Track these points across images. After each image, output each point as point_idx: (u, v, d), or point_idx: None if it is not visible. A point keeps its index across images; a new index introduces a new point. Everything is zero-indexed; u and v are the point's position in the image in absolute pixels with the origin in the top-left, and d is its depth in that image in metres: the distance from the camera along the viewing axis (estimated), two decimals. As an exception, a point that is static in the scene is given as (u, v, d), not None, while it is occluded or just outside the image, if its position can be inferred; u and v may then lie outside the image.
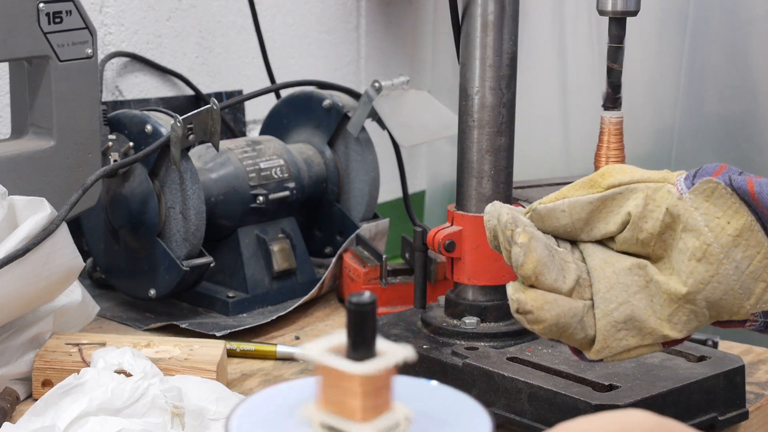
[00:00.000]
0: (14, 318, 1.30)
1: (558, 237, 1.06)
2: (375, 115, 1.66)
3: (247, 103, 1.98)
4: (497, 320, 1.35)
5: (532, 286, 1.02)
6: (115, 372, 1.21)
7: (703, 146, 2.00)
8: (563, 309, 1.02)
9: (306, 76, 2.05)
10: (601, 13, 1.25)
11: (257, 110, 1.98)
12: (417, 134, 1.68)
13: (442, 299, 1.39)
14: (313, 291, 1.60)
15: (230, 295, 1.58)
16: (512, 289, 1.03)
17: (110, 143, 1.52)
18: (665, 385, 1.19)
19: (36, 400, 1.22)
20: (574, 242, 1.07)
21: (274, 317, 1.55)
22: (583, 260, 1.06)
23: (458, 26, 1.34)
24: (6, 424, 1.17)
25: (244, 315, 1.57)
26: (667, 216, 1.02)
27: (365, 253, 1.63)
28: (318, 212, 1.73)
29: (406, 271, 1.59)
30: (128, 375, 1.21)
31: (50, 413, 1.15)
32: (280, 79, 1.98)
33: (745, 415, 1.25)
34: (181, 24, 1.89)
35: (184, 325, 1.51)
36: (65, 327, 1.39)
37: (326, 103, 1.71)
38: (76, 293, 1.40)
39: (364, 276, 1.58)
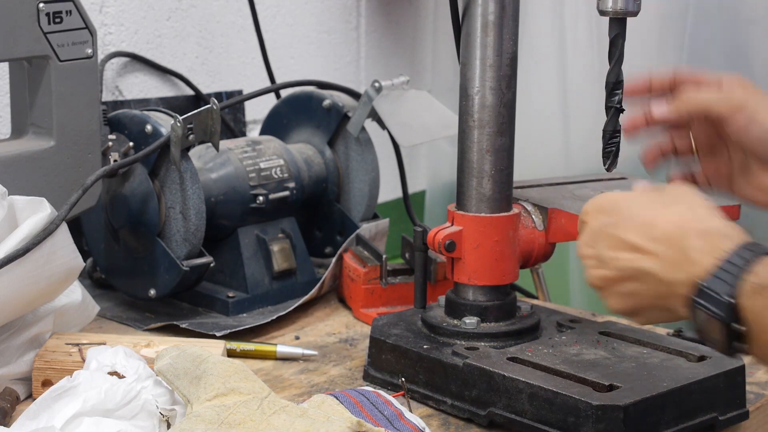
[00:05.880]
0: (14, 318, 1.30)
1: None
2: (375, 115, 1.66)
3: (247, 103, 1.98)
4: (497, 320, 1.35)
5: None
6: (108, 374, 1.21)
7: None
8: None
9: (306, 76, 2.05)
10: (602, 13, 1.25)
11: (257, 110, 1.98)
12: (417, 134, 1.68)
13: (442, 299, 1.39)
14: (313, 291, 1.60)
15: (230, 295, 1.58)
16: None
17: (110, 143, 1.52)
18: (665, 385, 1.19)
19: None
20: None
21: (274, 317, 1.55)
22: None
23: (458, 26, 1.34)
24: (1, 428, 1.17)
25: (244, 315, 1.57)
26: None
27: (365, 253, 1.63)
28: (318, 212, 1.73)
29: (406, 271, 1.59)
30: (120, 377, 1.21)
31: (44, 417, 1.15)
32: (280, 79, 1.98)
33: (745, 415, 1.25)
34: (181, 24, 1.89)
35: (184, 325, 1.51)
36: (65, 327, 1.39)
37: (326, 103, 1.71)
38: (76, 293, 1.40)
39: (364, 276, 1.58)
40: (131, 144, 1.53)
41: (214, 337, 1.48)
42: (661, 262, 1.03)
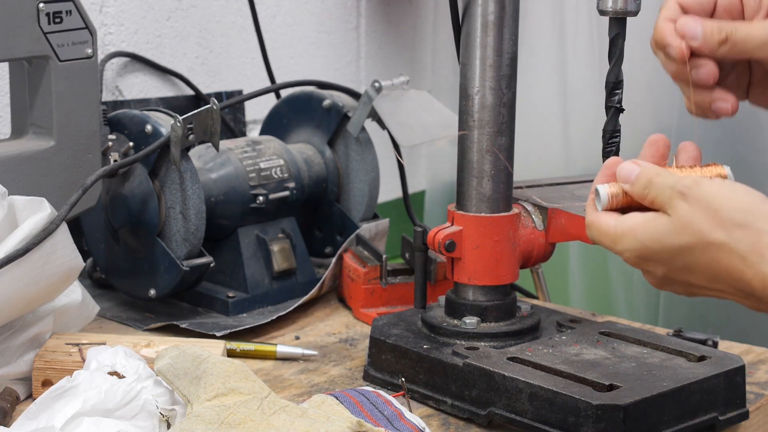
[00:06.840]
0: (14, 318, 1.30)
1: None
2: (375, 115, 1.66)
3: (247, 103, 1.98)
4: (497, 320, 1.35)
5: None
6: (108, 374, 1.21)
7: (702, 146, 1.99)
8: None
9: (306, 76, 2.05)
10: (602, 13, 1.25)
11: (257, 110, 1.98)
12: (417, 134, 1.68)
13: (442, 299, 1.40)
14: (313, 291, 1.60)
15: (230, 295, 1.58)
16: None
17: (110, 143, 1.52)
18: (665, 385, 1.19)
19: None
20: None
21: (274, 317, 1.55)
22: None
23: (458, 26, 1.34)
24: (1, 428, 1.17)
25: (244, 315, 1.57)
26: None
27: (365, 253, 1.63)
28: (318, 212, 1.73)
29: (406, 271, 1.59)
30: (120, 377, 1.21)
31: (44, 417, 1.15)
32: (280, 79, 1.98)
33: (745, 415, 1.25)
34: (181, 24, 1.89)
35: (184, 325, 1.51)
36: (65, 327, 1.39)
37: (326, 103, 1.71)
38: (76, 293, 1.40)
39: (364, 276, 1.58)
40: (131, 144, 1.53)
41: (214, 337, 1.48)
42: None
